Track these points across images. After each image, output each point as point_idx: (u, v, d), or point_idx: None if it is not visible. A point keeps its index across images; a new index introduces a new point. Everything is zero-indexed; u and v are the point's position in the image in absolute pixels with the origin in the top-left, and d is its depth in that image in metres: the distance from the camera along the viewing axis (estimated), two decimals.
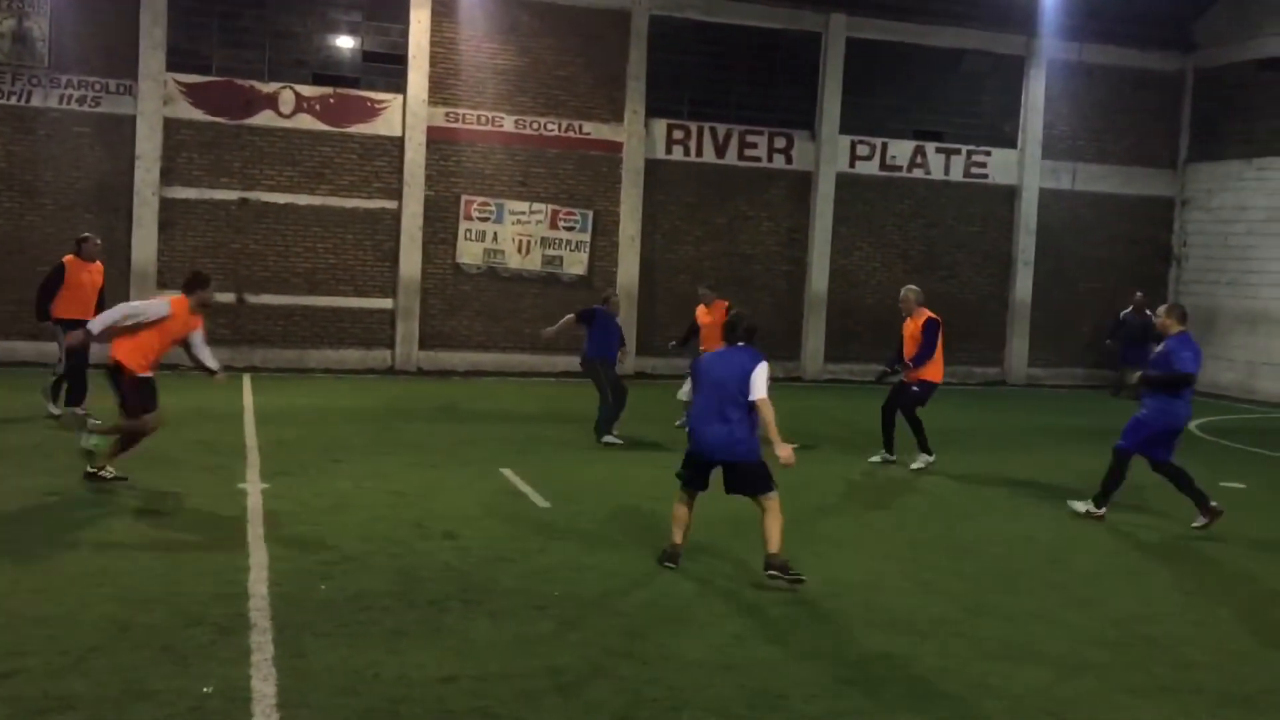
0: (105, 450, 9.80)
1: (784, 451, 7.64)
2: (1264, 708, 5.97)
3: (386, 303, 19.91)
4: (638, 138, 20.86)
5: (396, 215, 19.78)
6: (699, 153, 21.43)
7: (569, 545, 8.62)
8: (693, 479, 8.03)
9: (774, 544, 7.65)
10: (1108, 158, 23.57)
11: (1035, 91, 22.92)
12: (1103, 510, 10.37)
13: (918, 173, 22.52)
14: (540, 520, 9.42)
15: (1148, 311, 21.71)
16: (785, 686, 5.92)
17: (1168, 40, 23.52)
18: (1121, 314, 21.61)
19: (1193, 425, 17.92)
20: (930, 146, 22.56)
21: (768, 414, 7.67)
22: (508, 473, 11.18)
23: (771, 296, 21.63)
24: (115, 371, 9.64)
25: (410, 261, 19.81)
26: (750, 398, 7.66)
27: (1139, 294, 21.67)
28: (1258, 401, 21.33)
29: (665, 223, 21.31)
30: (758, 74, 21.75)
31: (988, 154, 22.90)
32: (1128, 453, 10.27)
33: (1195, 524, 10.08)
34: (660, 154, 21.16)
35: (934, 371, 12.63)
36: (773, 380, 7.99)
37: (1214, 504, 10.08)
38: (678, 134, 21.28)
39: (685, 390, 8.16)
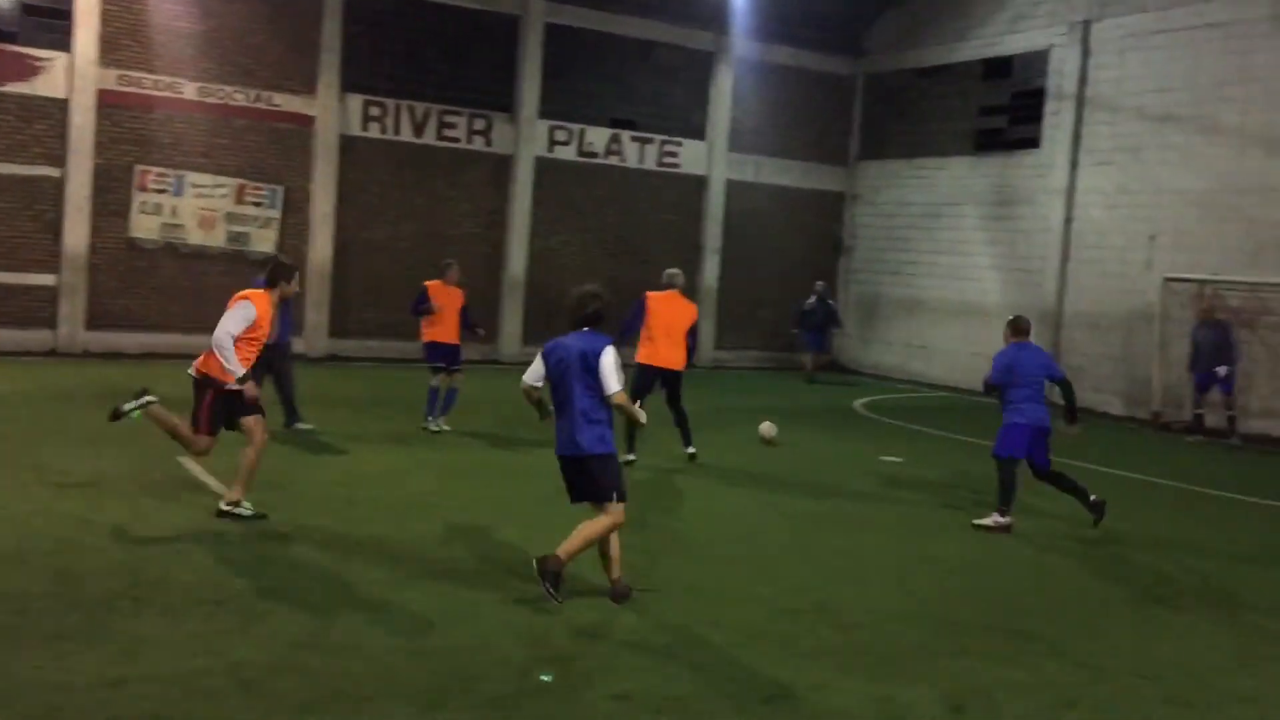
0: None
1: (641, 414, 7.66)
2: (914, 661, 6.56)
3: (48, 279, 18.27)
4: (332, 112, 20.16)
5: (60, 184, 18.18)
6: (397, 131, 20.99)
7: (252, 536, 8.24)
8: (569, 489, 7.40)
9: (569, 550, 7.05)
10: (788, 153, 24.98)
11: (723, 87, 23.97)
12: (1009, 520, 10.03)
13: (614, 160, 23.05)
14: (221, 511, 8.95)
15: (830, 302, 23.34)
16: (477, 669, 5.93)
17: (842, 46, 25.20)
18: (805, 303, 22.94)
19: (857, 403, 19.46)
20: (626, 135, 23.14)
21: (621, 405, 7.22)
22: (185, 461, 10.55)
23: (470, 278, 21.37)
24: (202, 384, 8.60)
25: (76, 234, 18.27)
26: (605, 391, 7.11)
27: (820, 283, 23.16)
28: (915, 381, 23.31)
29: (361, 201, 20.73)
30: (457, 54, 21.52)
31: (679, 144, 23.74)
32: (1010, 460, 10.03)
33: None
34: (356, 130, 20.56)
35: (639, 352, 12.25)
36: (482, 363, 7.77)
37: (1099, 506, 10.16)
38: (374, 110, 20.74)
39: (531, 374, 7.50)
